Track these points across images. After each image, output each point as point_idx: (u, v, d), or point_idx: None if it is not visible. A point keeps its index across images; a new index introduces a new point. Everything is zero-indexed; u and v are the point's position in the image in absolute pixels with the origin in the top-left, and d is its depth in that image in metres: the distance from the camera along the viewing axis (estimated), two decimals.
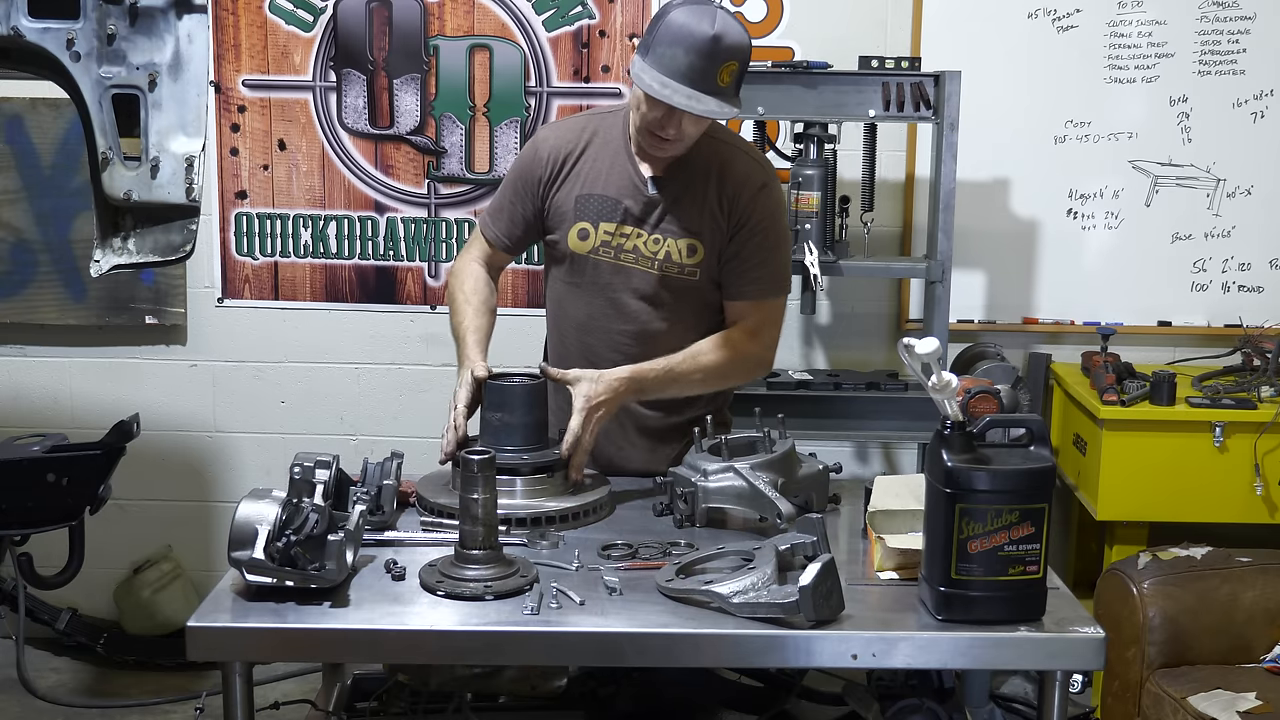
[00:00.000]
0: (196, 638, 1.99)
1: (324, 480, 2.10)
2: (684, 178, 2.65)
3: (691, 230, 2.65)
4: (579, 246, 2.69)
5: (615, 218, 2.66)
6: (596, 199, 2.67)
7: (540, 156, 2.71)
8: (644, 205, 2.65)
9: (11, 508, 2.87)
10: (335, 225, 4.12)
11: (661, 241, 2.65)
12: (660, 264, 2.66)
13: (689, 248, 2.65)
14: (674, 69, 2.43)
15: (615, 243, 2.67)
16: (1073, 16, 3.96)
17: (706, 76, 2.43)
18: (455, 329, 2.72)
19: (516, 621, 2.00)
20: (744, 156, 2.70)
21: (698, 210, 2.64)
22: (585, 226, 2.68)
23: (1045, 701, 2.07)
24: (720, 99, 2.46)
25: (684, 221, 2.65)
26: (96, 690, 3.94)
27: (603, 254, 2.68)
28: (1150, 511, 3.56)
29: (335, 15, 4.01)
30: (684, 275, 2.67)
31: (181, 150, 2.49)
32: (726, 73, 2.45)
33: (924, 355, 2.02)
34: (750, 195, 2.64)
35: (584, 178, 2.68)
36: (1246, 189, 4.03)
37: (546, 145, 2.72)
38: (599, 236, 2.67)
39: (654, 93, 2.44)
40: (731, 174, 2.65)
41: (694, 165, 2.64)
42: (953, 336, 3.82)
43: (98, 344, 4.19)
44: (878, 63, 3.58)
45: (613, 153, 2.67)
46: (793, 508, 2.28)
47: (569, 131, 2.73)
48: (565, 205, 2.69)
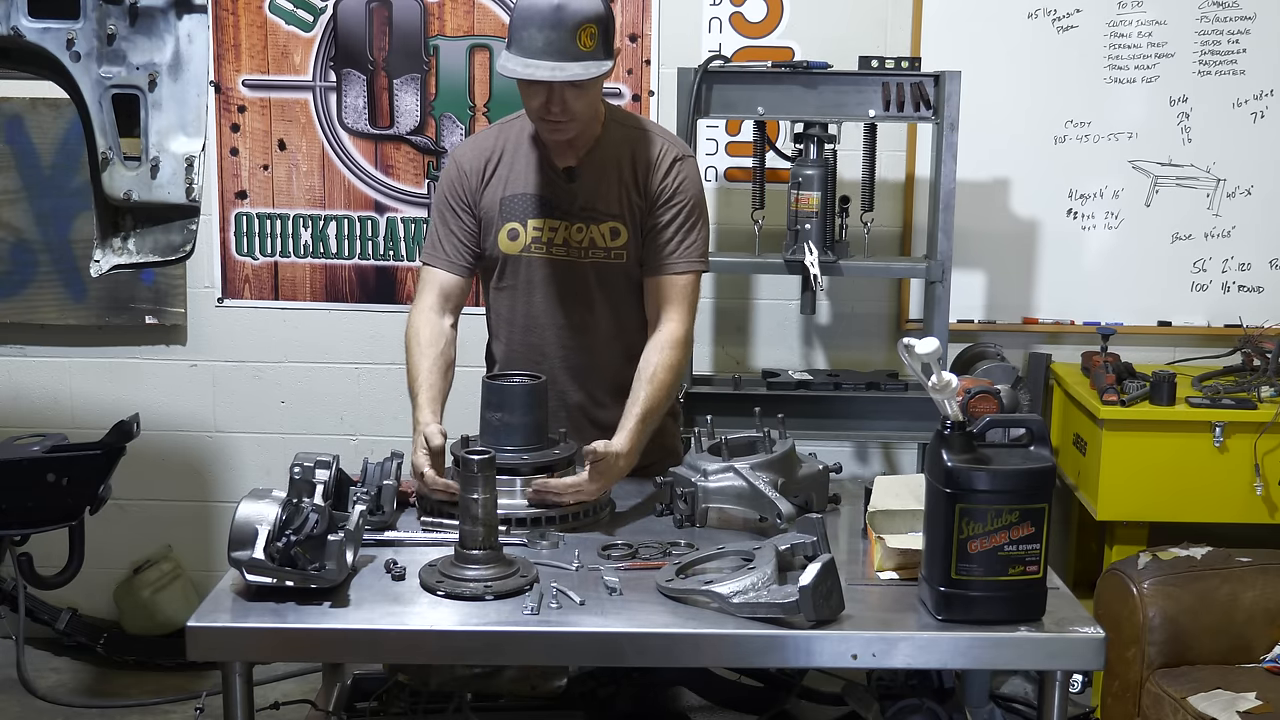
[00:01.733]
0: (196, 638, 1.99)
1: (324, 480, 2.11)
2: (598, 163, 2.70)
3: (611, 213, 2.69)
4: (510, 247, 2.72)
5: (540, 213, 2.70)
6: (519, 198, 2.71)
7: (464, 169, 2.75)
8: (564, 196, 2.70)
9: (11, 508, 2.87)
10: (335, 225, 4.12)
11: (585, 229, 2.70)
12: (587, 250, 2.71)
13: (611, 231, 2.70)
14: (533, 48, 2.49)
15: (545, 237, 2.71)
16: (1073, 16, 3.96)
17: (565, 46, 2.48)
18: (410, 387, 2.66)
19: (516, 621, 2.00)
20: (654, 136, 2.75)
21: (615, 192, 2.69)
22: (514, 226, 2.72)
23: (1045, 701, 2.07)
24: (585, 61, 2.50)
25: (603, 205, 2.69)
26: (96, 690, 3.94)
27: (535, 250, 2.72)
28: (1150, 511, 3.56)
29: (335, 15, 4.01)
30: (610, 259, 2.71)
31: (181, 150, 2.49)
32: (586, 35, 2.49)
33: (924, 355, 2.02)
34: (665, 169, 2.70)
35: (505, 181, 2.73)
36: (1246, 189, 4.03)
37: (465, 159, 2.76)
38: (529, 234, 2.71)
39: (518, 75, 2.50)
40: (643, 152, 2.70)
41: (606, 150, 2.70)
42: (953, 336, 3.82)
43: (98, 344, 4.19)
44: (878, 63, 3.58)
45: (526, 153, 2.72)
46: (793, 508, 2.28)
47: (483, 141, 2.79)
48: (491, 210, 2.73)
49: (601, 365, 2.76)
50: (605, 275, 2.72)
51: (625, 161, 2.70)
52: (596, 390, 2.78)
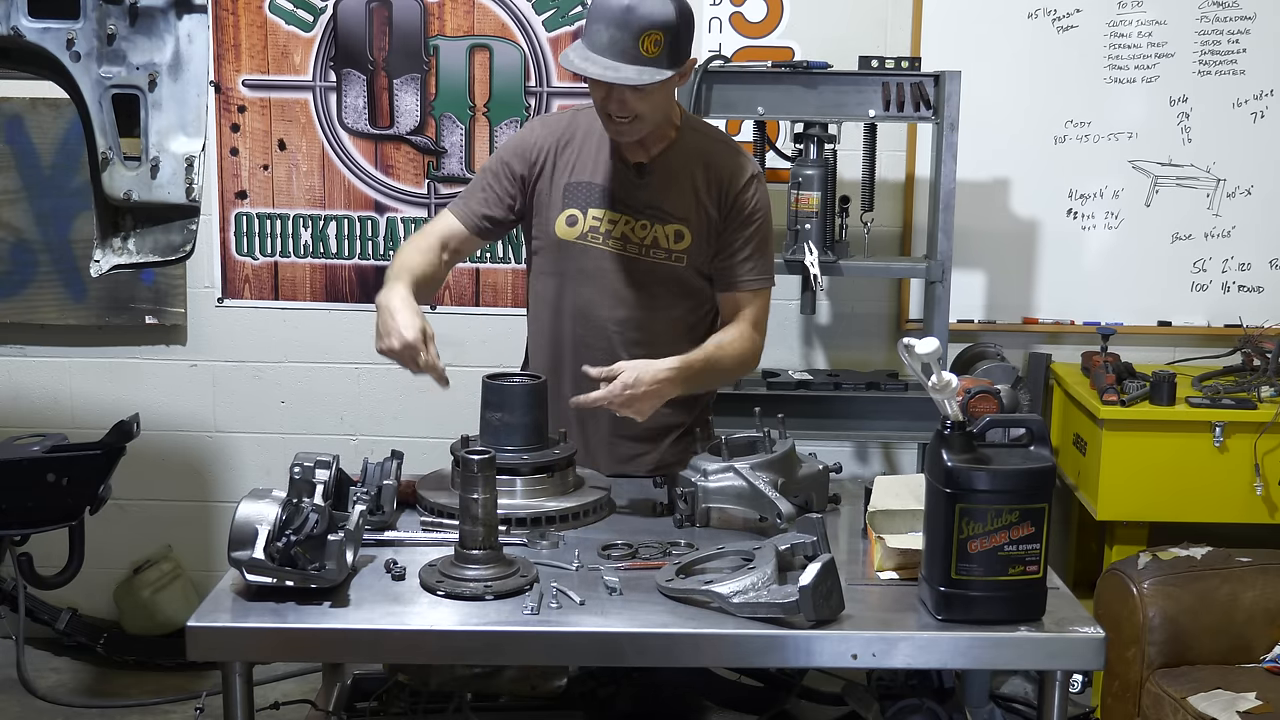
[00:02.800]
0: (196, 638, 1.99)
1: (324, 480, 2.10)
2: (671, 165, 2.69)
3: (679, 216, 2.68)
4: (566, 233, 2.71)
5: (604, 203, 2.69)
6: (585, 186, 2.70)
7: (528, 144, 2.74)
8: (631, 191, 2.69)
9: (11, 508, 2.87)
10: (335, 225, 4.12)
11: (649, 227, 2.69)
12: (648, 249, 2.70)
13: (676, 233, 2.69)
14: (597, 44, 2.48)
15: (604, 229, 2.70)
16: (1073, 16, 3.96)
17: (627, 48, 2.47)
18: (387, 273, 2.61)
19: (516, 621, 2.00)
20: (731, 150, 2.76)
21: (685, 197, 2.68)
22: (574, 213, 2.71)
23: (1045, 701, 2.07)
24: (642, 66, 2.48)
25: (671, 207, 2.68)
26: (96, 690, 3.94)
27: (591, 240, 2.71)
28: (1150, 511, 3.56)
29: (335, 15, 4.01)
30: (670, 261, 2.70)
31: (181, 150, 2.49)
32: (650, 42, 2.48)
33: (924, 355, 2.02)
34: (743, 186, 2.69)
35: (572, 166, 2.72)
36: (1246, 189, 4.03)
37: (534, 135, 2.76)
38: (587, 222, 2.70)
39: (573, 66, 2.49)
40: (720, 164, 2.70)
41: (680, 153, 2.69)
42: (953, 336, 3.82)
43: (98, 344, 4.19)
44: (878, 63, 3.58)
45: (599, 142, 2.71)
46: (793, 508, 2.28)
47: (557, 124, 2.77)
48: (553, 194, 2.72)
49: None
50: (661, 276, 2.70)
51: (699, 169, 2.69)
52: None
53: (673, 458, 2.75)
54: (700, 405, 2.86)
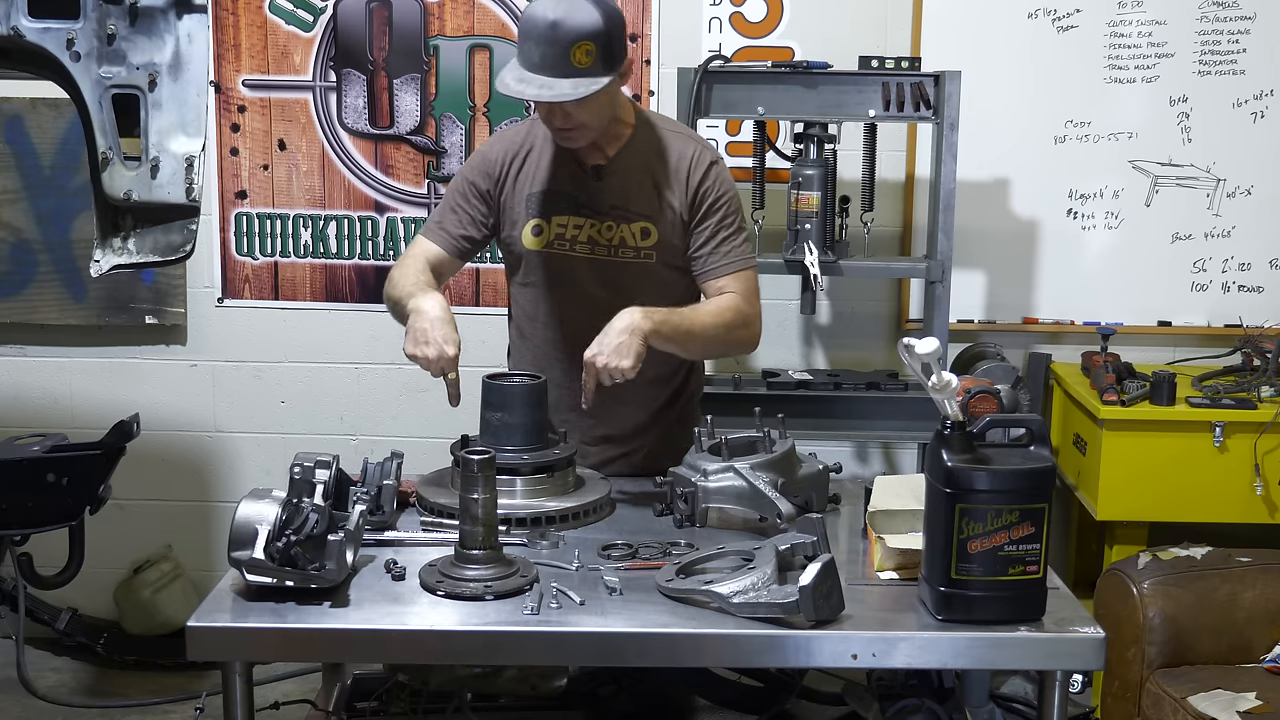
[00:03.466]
0: (196, 638, 1.99)
1: (324, 480, 2.11)
2: (629, 163, 2.69)
3: (643, 213, 2.69)
4: (534, 243, 2.72)
5: (567, 210, 2.70)
6: (546, 194, 2.71)
7: (490, 159, 2.75)
8: (593, 194, 2.69)
9: (11, 508, 2.87)
10: (335, 225, 4.12)
11: (615, 227, 2.70)
12: (616, 249, 2.70)
13: (643, 230, 2.70)
14: (529, 62, 2.49)
15: (570, 234, 2.70)
16: (1073, 16, 3.96)
17: (559, 62, 2.47)
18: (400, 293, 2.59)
19: (516, 621, 2.00)
20: (684, 138, 2.76)
21: (647, 193, 2.69)
22: (539, 222, 2.72)
23: (1045, 701, 2.07)
24: (576, 78, 2.48)
25: (634, 205, 2.69)
26: (96, 690, 3.94)
27: (558, 247, 2.71)
28: (1150, 511, 3.56)
29: (335, 15, 4.01)
30: (640, 259, 2.71)
31: (181, 150, 2.49)
32: (581, 53, 2.47)
33: (924, 355, 2.02)
34: (702, 173, 2.70)
35: (532, 177, 2.72)
36: (1246, 189, 4.03)
37: (495, 150, 2.77)
38: (553, 230, 2.71)
39: (509, 90, 2.50)
40: (677, 156, 2.70)
41: (637, 150, 2.70)
42: (953, 336, 3.82)
43: (98, 344, 4.19)
44: (878, 63, 3.58)
45: (555, 150, 2.71)
46: (793, 508, 2.28)
47: (514, 135, 2.78)
48: (517, 205, 2.73)
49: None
50: (632, 274, 2.71)
51: (658, 163, 2.70)
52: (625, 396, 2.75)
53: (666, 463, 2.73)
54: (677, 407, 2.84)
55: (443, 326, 2.44)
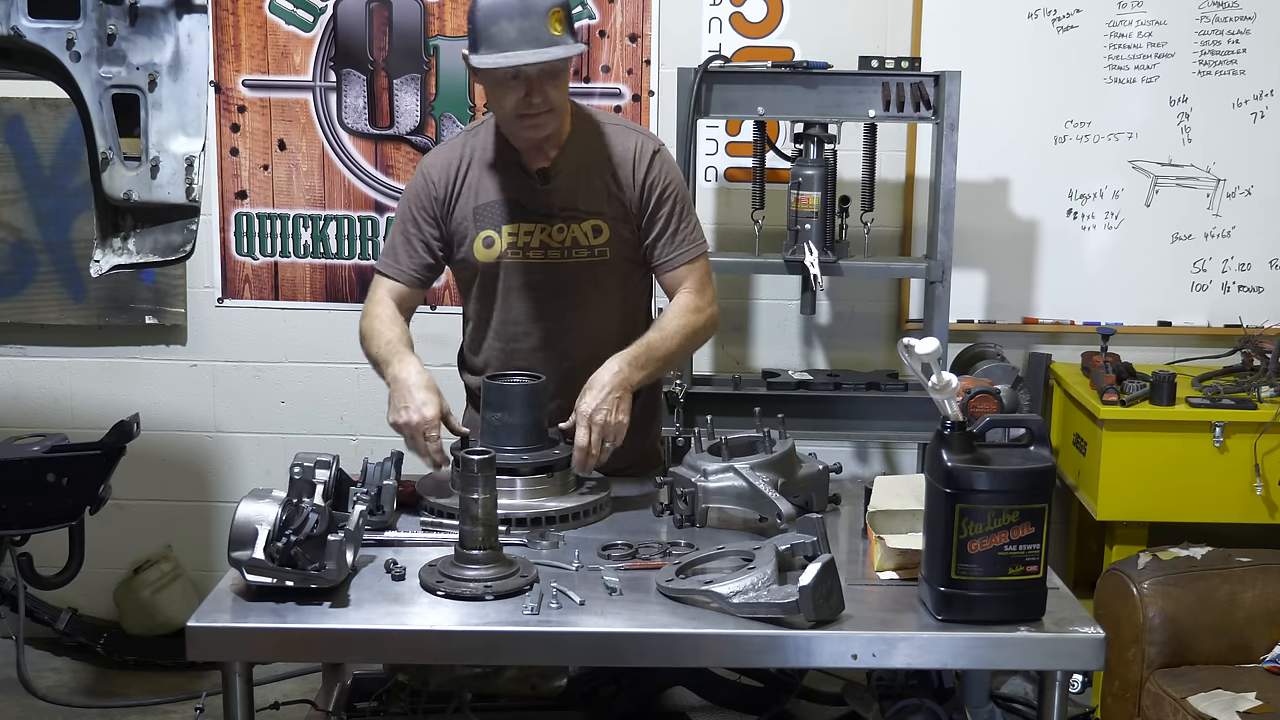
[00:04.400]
0: (196, 638, 1.99)
1: (324, 480, 2.11)
2: (572, 162, 2.68)
3: (592, 211, 2.68)
4: (486, 255, 2.70)
5: (515, 218, 2.68)
6: (492, 205, 2.69)
7: (431, 179, 2.72)
8: (539, 198, 2.67)
9: (11, 508, 2.87)
10: (335, 225, 4.12)
11: (566, 229, 2.68)
12: (569, 250, 2.69)
13: (594, 229, 2.69)
14: (507, 41, 2.47)
15: (521, 242, 2.68)
16: (1073, 16, 3.96)
17: (539, 33, 2.47)
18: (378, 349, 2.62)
19: (516, 621, 2.00)
20: (626, 130, 2.75)
21: (593, 190, 2.68)
22: (489, 234, 2.69)
23: (1045, 701, 2.07)
24: (561, 44, 2.50)
25: (583, 204, 2.68)
26: (96, 690, 3.94)
27: (511, 256, 2.69)
28: (1150, 511, 3.56)
29: (335, 15, 4.01)
30: (595, 257, 2.70)
31: (181, 150, 2.49)
32: (555, 21, 2.49)
33: (924, 355, 2.02)
34: (646, 165, 2.69)
35: (475, 189, 2.70)
36: (1246, 189, 4.03)
37: (434, 169, 2.73)
38: (504, 240, 2.68)
39: (502, 64, 2.47)
40: (619, 146, 2.69)
41: (579, 147, 2.68)
42: (953, 336, 3.82)
43: (98, 344, 4.19)
44: (878, 63, 3.58)
45: (495, 159, 2.69)
46: (793, 508, 2.28)
47: (450, 151, 2.75)
48: (464, 220, 2.70)
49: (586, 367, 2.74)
50: (589, 274, 2.70)
51: (600, 158, 2.68)
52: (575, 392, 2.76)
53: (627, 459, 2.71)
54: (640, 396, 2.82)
55: (420, 391, 2.46)
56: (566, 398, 2.67)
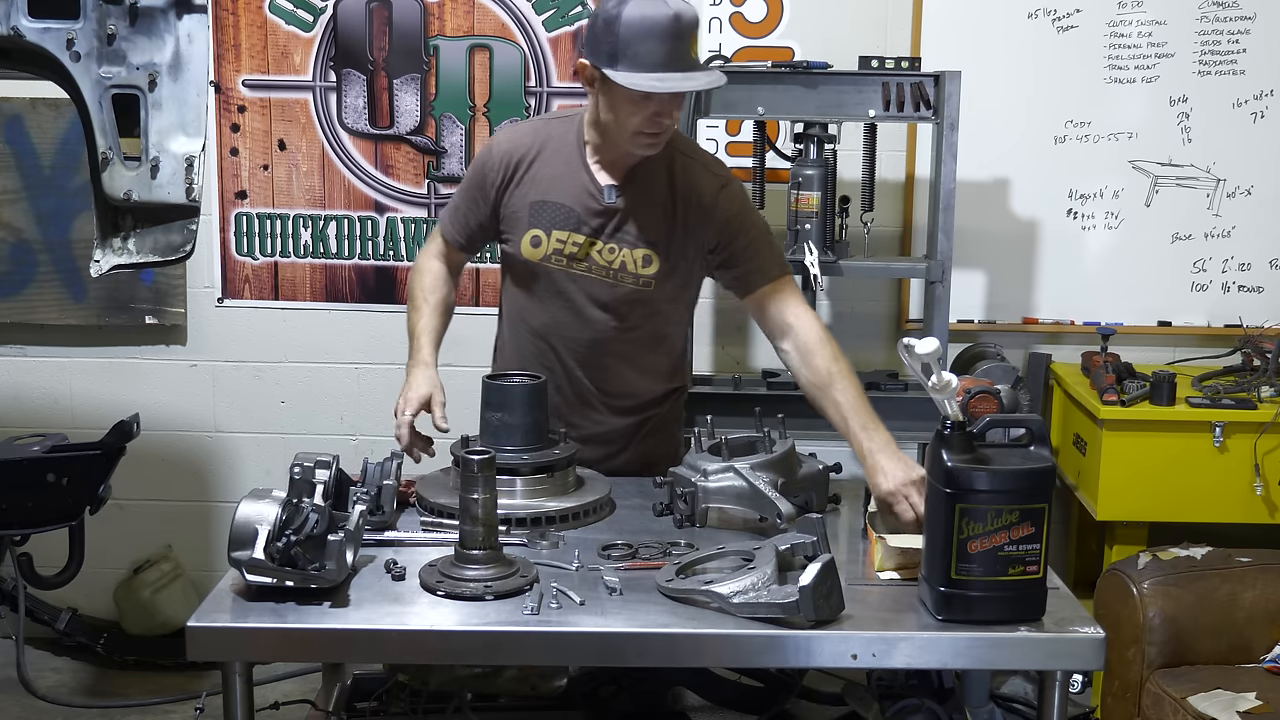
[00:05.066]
0: (196, 638, 1.99)
1: (324, 480, 2.10)
2: (641, 186, 2.63)
3: (647, 240, 2.63)
4: (531, 254, 2.68)
5: (569, 226, 2.65)
6: (551, 206, 2.65)
7: (493, 160, 2.70)
8: (599, 214, 2.64)
9: (11, 508, 2.87)
10: (335, 225, 4.12)
11: (617, 251, 2.64)
12: (615, 274, 2.65)
13: (644, 258, 2.64)
14: (655, 62, 2.44)
15: (568, 251, 2.65)
16: (1073, 16, 3.96)
17: (685, 55, 2.47)
18: (410, 326, 2.75)
19: (516, 621, 2.00)
20: (695, 164, 2.68)
21: (656, 221, 2.63)
22: (538, 234, 2.67)
23: (1045, 701, 2.07)
24: (706, 72, 2.53)
25: (640, 231, 2.63)
26: (96, 690, 3.94)
27: (555, 262, 2.67)
28: (1150, 511, 3.56)
29: (335, 15, 4.01)
30: (639, 286, 2.66)
31: (181, 150, 2.49)
32: (694, 44, 2.50)
33: (924, 355, 2.02)
34: (712, 202, 2.63)
35: (538, 184, 2.66)
36: (1246, 189, 4.03)
37: (500, 148, 2.71)
38: (551, 244, 2.66)
39: (656, 88, 2.44)
40: (690, 184, 2.64)
41: (651, 174, 2.63)
42: (953, 336, 3.82)
43: (98, 344, 4.19)
44: (878, 63, 3.58)
45: (566, 160, 2.66)
46: (793, 508, 2.28)
47: (523, 136, 2.72)
48: (520, 211, 2.68)
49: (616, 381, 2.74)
50: (627, 298, 2.66)
51: (669, 192, 2.63)
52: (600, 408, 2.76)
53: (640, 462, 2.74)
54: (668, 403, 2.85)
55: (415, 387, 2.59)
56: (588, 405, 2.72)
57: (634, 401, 2.77)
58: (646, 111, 2.49)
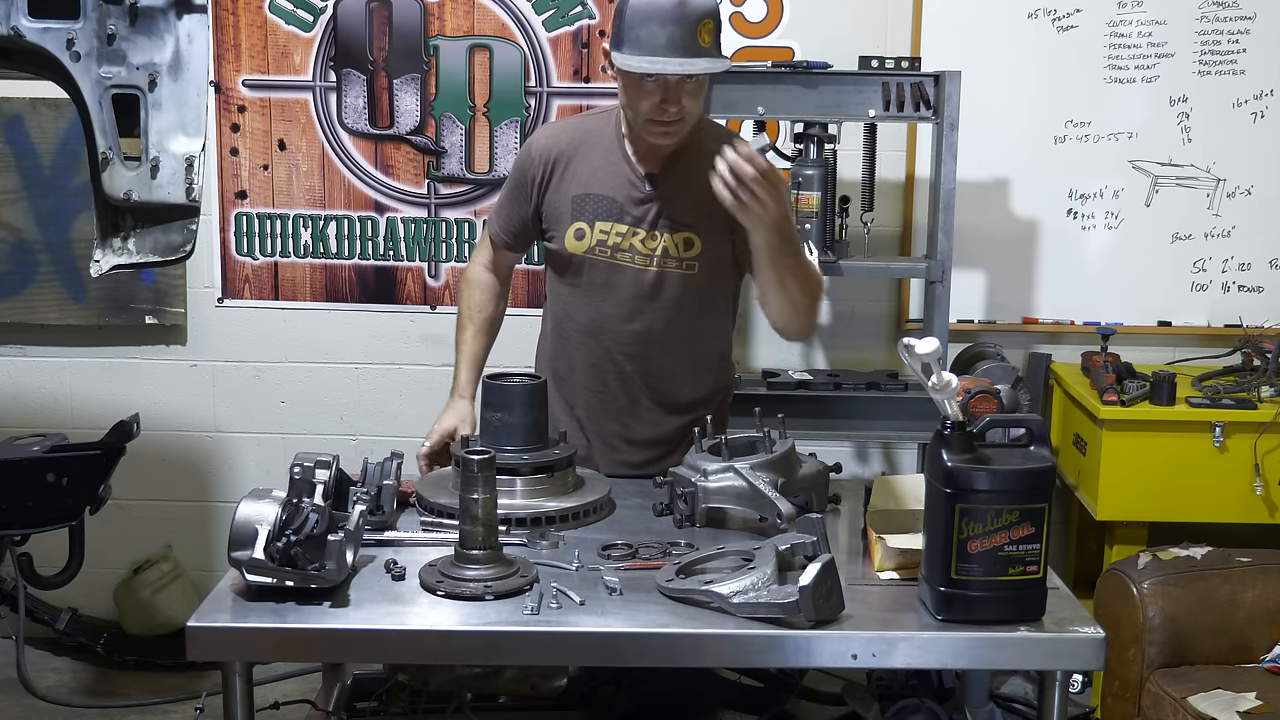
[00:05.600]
0: (196, 638, 1.99)
1: (324, 480, 2.10)
2: (681, 172, 2.66)
3: (688, 224, 2.67)
4: (575, 247, 2.70)
5: (611, 216, 2.67)
6: (593, 198, 2.68)
7: (533, 158, 2.73)
8: (640, 202, 2.66)
9: (11, 508, 2.87)
10: (335, 225, 4.12)
11: (658, 237, 2.67)
12: (658, 259, 2.68)
13: (685, 241, 2.67)
14: (655, 45, 2.45)
15: (611, 241, 2.68)
16: (1073, 16, 3.96)
17: (688, 41, 2.46)
18: (457, 346, 2.87)
19: (516, 621, 2.00)
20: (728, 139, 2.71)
21: (696, 202, 2.64)
22: (581, 226, 2.69)
23: (1045, 701, 2.07)
24: (708, 57, 2.50)
25: (680, 216, 2.66)
26: (96, 690, 3.94)
27: (599, 254, 2.69)
28: (1150, 511, 3.56)
29: (335, 15, 4.01)
30: (683, 270, 2.69)
31: (181, 150, 2.49)
32: (705, 32, 2.48)
33: (924, 355, 2.02)
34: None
35: (579, 178, 2.69)
36: (1246, 189, 4.03)
37: (539, 146, 2.75)
38: (594, 236, 2.68)
39: (646, 69, 2.46)
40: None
41: (691, 159, 2.64)
42: (953, 336, 3.82)
43: (98, 344, 4.19)
44: (878, 63, 3.58)
45: (606, 151, 2.69)
46: (793, 508, 2.28)
47: (562, 132, 2.76)
48: (561, 206, 2.70)
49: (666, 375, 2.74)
50: (675, 284, 2.69)
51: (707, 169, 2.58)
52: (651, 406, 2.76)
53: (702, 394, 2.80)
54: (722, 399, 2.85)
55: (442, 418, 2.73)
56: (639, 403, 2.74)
57: (684, 399, 2.77)
58: (652, 98, 2.51)
